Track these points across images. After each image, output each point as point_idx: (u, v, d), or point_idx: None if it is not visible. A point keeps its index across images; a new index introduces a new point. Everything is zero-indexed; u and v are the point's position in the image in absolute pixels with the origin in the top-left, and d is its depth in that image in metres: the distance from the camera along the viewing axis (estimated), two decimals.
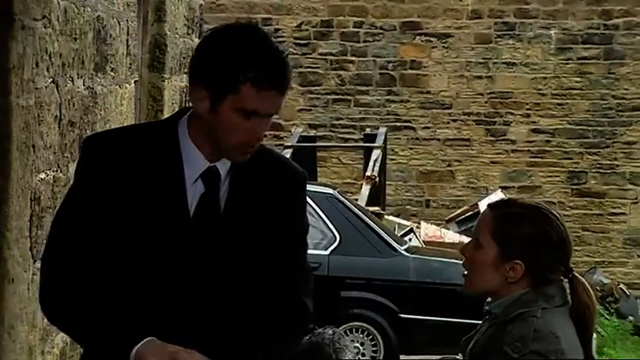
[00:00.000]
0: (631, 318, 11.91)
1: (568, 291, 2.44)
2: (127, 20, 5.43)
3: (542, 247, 2.38)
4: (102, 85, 4.95)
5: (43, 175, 4.09)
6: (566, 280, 2.43)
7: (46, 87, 4.08)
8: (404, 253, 8.84)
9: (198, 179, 2.28)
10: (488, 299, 2.48)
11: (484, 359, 2.33)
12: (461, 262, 2.53)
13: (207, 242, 2.27)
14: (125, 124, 5.43)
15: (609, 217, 12.98)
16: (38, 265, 4.00)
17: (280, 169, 2.36)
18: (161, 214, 2.25)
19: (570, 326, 2.38)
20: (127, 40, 5.44)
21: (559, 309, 2.38)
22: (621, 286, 12.43)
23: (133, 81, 5.69)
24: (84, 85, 4.63)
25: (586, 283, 2.45)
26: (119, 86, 5.32)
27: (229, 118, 2.21)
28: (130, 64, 5.55)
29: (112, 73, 5.13)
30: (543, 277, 2.39)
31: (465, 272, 2.45)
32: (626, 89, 13.01)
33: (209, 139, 2.26)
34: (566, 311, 2.39)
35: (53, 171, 4.22)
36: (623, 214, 12.97)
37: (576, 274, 2.44)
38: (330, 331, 3.74)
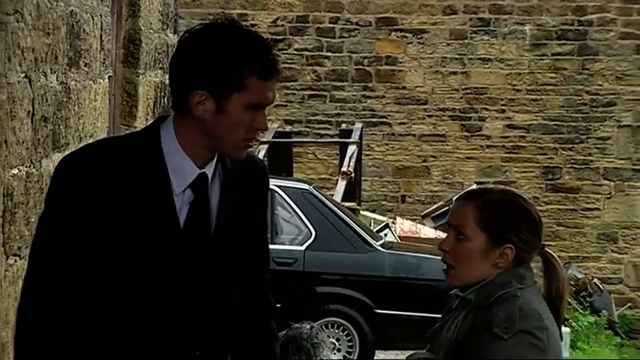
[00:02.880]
0: (605, 312, 12.00)
1: (536, 271, 2.50)
2: (100, 15, 5.40)
3: (526, 227, 2.45)
4: (75, 80, 4.92)
5: (15, 171, 4.06)
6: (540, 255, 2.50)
7: (18, 82, 4.05)
8: (379, 248, 8.86)
9: (187, 187, 2.23)
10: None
11: (472, 344, 2.36)
12: (436, 257, 2.56)
13: (201, 251, 2.23)
14: (99, 120, 5.41)
15: (583, 213, 13.06)
16: (10, 261, 3.98)
17: (247, 167, 2.34)
18: (150, 229, 2.20)
19: (545, 304, 2.44)
20: (101, 35, 5.41)
21: (531, 288, 2.44)
22: (595, 280, 12.51)
23: (107, 76, 5.66)
24: (57, 81, 4.60)
25: (556, 256, 2.54)
26: (93, 81, 5.29)
27: (237, 114, 2.20)
28: (104, 59, 5.52)
29: (85, 69, 5.11)
30: (527, 257, 2.46)
31: (446, 267, 2.47)
32: (600, 85, 13.09)
33: (205, 142, 2.22)
34: (537, 290, 2.46)
35: (26, 167, 4.20)
36: (597, 209, 13.06)
37: (549, 251, 2.51)
38: (308, 326, 3.74)
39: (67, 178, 2.21)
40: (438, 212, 11.92)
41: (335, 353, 8.72)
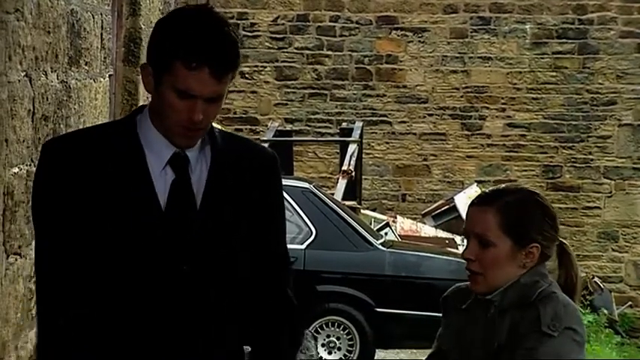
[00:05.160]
0: (605, 311, 11.99)
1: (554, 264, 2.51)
2: (101, 14, 5.39)
3: (548, 224, 2.45)
4: (76, 79, 4.92)
5: (16, 170, 4.06)
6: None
7: (19, 81, 4.04)
8: (380, 247, 8.85)
9: (167, 166, 2.23)
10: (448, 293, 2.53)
11: (517, 345, 2.35)
12: (437, 256, 2.55)
13: (184, 230, 2.21)
14: (99, 119, 5.41)
15: (584, 211, 13.05)
16: (11, 259, 3.98)
17: (251, 153, 2.32)
18: (131, 210, 2.19)
19: None
20: (102, 34, 5.41)
21: (555, 284, 2.44)
22: (596, 279, 12.51)
23: (107, 75, 5.66)
24: (58, 79, 4.60)
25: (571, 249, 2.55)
26: (93, 80, 5.29)
27: (167, 97, 2.18)
28: (105, 57, 5.52)
29: (86, 67, 5.10)
30: (549, 252, 2.46)
31: (470, 274, 2.44)
32: (601, 84, 13.08)
33: (162, 122, 2.23)
34: (557, 286, 2.47)
35: (26, 165, 4.19)
36: (598, 208, 13.05)
37: (564, 242, 2.52)
38: None
39: (48, 162, 2.24)
40: (439, 211, 11.91)
41: (335, 352, 8.72)
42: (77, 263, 2.20)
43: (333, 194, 10.03)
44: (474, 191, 11.28)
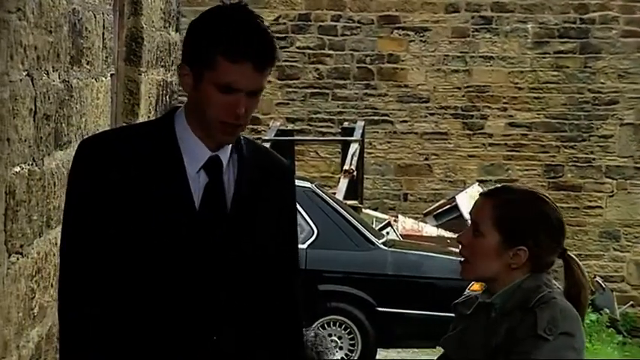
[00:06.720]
0: (607, 310, 12.00)
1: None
2: (102, 13, 5.40)
3: (543, 231, 2.44)
4: (78, 78, 4.92)
5: (17, 169, 4.06)
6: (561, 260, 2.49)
7: (20, 80, 4.05)
8: (381, 246, 8.86)
9: (201, 170, 2.27)
10: (470, 295, 2.52)
11: (514, 347, 2.35)
12: (438, 255, 2.57)
13: (216, 233, 2.25)
14: (101, 118, 5.42)
15: (585, 211, 13.05)
16: (13, 259, 3.99)
17: (271, 162, 2.37)
18: (165, 211, 2.22)
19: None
20: (103, 34, 5.41)
21: (559, 291, 2.43)
22: (597, 279, 12.51)
23: (109, 74, 5.67)
24: (59, 79, 4.60)
25: (579, 262, 2.52)
26: (95, 80, 5.29)
27: (208, 93, 2.21)
28: (106, 57, 5.52)
29: (87, 67, 5.11)
30: (544, 261, 2.44)
31: (462, 259, 2.46)
32: (602, 83, 13.08)
33: (197, 119, 2.25)
34: (562, 293, 2.45)
35: (28, 164, 4.20)
36: (600, 207, 13.05)
37: (570, 254, 2.50)
38: (313, 334, 3.74)
39: (85, 159, 2.27)
40: (440, 210, 11.92)
41: (337, 351, 8.72)
42: (103, 259, 2.23)
43: (334, 194, 10.04)
44: (475, 191, 11.29)
